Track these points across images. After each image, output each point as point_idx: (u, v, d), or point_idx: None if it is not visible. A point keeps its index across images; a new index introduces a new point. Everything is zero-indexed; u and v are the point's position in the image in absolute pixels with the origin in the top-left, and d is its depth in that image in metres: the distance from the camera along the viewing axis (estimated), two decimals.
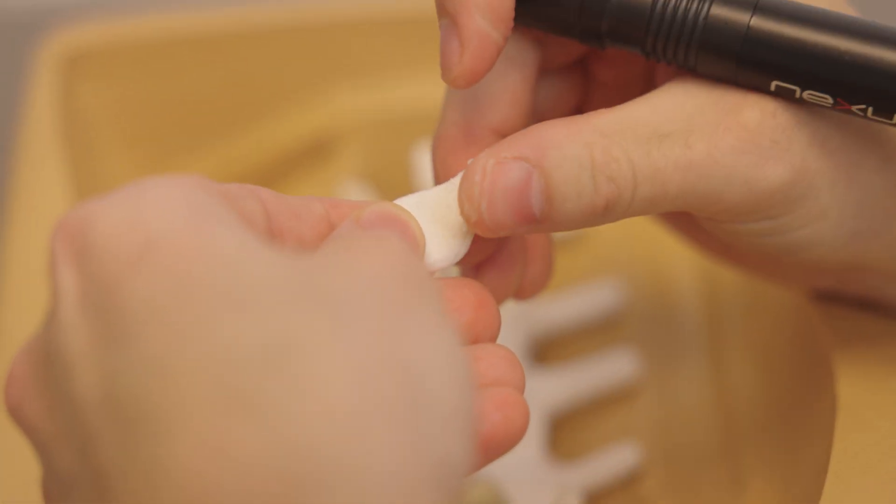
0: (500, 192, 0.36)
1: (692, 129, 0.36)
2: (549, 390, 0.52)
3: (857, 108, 0.36)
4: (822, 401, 0.45)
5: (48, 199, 0.56)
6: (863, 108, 0.36)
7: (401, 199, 0.37)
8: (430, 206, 0.37)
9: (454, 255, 0.37)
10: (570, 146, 0.36)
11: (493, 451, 0.33)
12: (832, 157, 0.37)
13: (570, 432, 0.52)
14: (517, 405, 0.34)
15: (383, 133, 0.64)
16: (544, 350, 0.55)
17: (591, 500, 0.50)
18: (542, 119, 0.39)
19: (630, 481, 0.51)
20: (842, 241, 0.39)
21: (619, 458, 0.50)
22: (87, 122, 0.63)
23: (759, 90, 0.37)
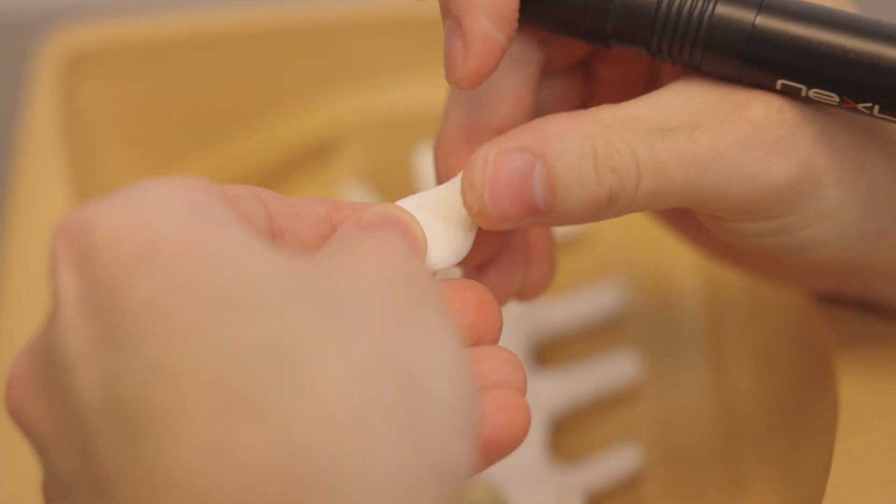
0: (502, 181, 0.35)
1: (697, 124, 0.36)
2: (551, 392, 0.52)
3: (863, 106, 0.36)
4: (823, 402, 0.45)
5: (49, 199, 0.56)
6: (869, 106, 0.36)
7: (402, 201, 0.37)
8: (431, 206, 0.37)
9: (456, 255, 0.37)
10: (572, 137, 0.36)
11: (494, 453, 0.33)
12: (838, 154, 0.37)
13: (572, 434, 0.52)
14: (519, 407, 0.33)
15: (384, 134, 0.64)
16: (545, 351, 0.55)
17: (593, 501, 0.50)
18: None
19: (631, 483, 0.51)
20: (847, 241, 0.38)
21: (621, 460, 0.50)
22: (87, 123, 0.63)
23: (765, 89, 0.37)
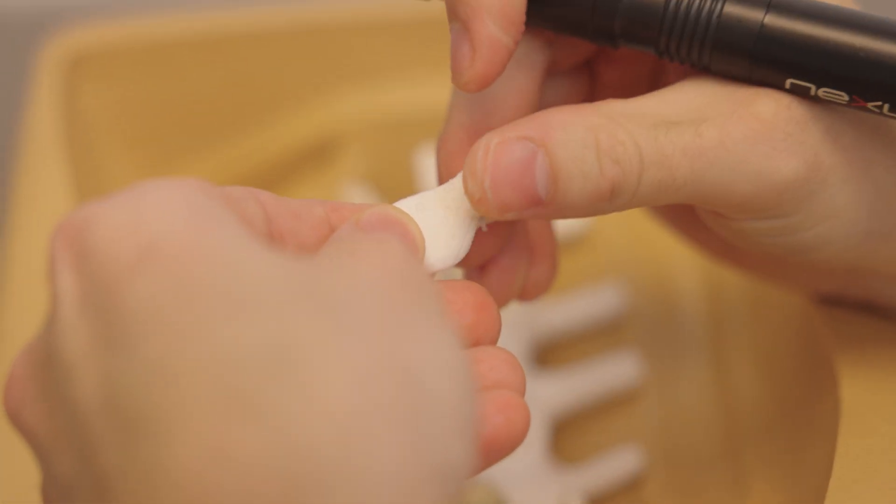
0: (503, 169, 0.35)
1: (704, 119, 0.36)
2: (552, 393, 0.52)
3: (872, 104, 0.36)
4: (824, 403, 0.45)
5: (49, 199, 0.56)
6: (878, 104, 0.36)
7: (401, 202, 0.37)
8: (430, 207, 0.37)
9: (454, 255, 0.37)
10: (575, 128, 0.36)
11: (494, 453, 0.33)
12: (845, 153, 0.37)
13: (573, 435, 0.52)
14: (518, 408, 0.33)
15: (385, 135, 0.64)
16: (547, 353, 0.55)
17: (593, 502, 0.50)
18: None
19: (632, 484, 0.51)
20: (852, 241, 0.38)
21: (622, 462, 0.50)
22: (88, 124, 0.63)
23: (774, 88, 0.37)
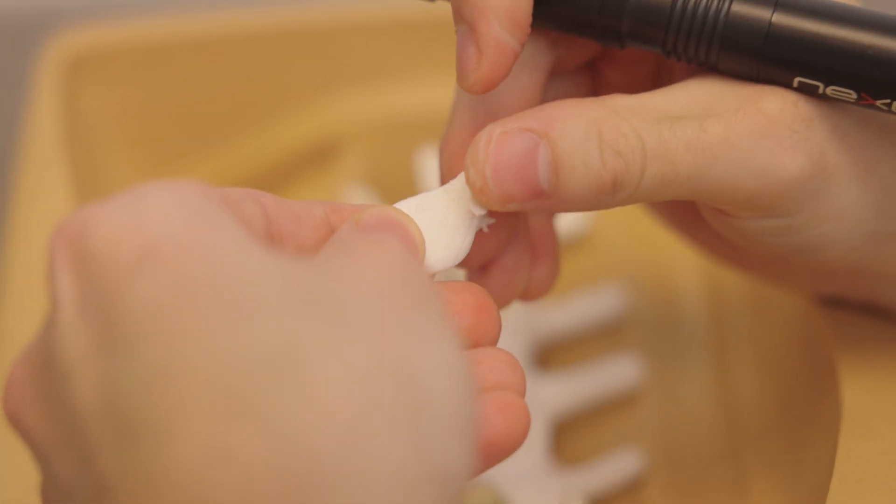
0: (504, 158, 0.36)
1: (709, 114, 0.36)
2: (553, 395, 0.52)
3: (881, 102, 0.36)
4: (825, 405, 0.45)
5: (50, 201, 0.56)
6: (887, 102, 0.36)
7: (401, 203, 0.37)
8: (430, 208, 0.37)
9: (454, 257, 0.37)
10: (578, 120, 0.36)
11: (494, 455, 0.33)
12: (851, 152, 0.37)
13: (573, 437, 0.52)
14: (518, 409, 0.33)
15: (386, 137, 0.64)
16: (547, 354, 0.55)
17: None
18: None
19: (633, 486, 0.50)
20: (857, 242, 0.38)
21: (623, 463, 0.50)
22: (89, 125, 0.63)
23: (782, 86, 0.37)
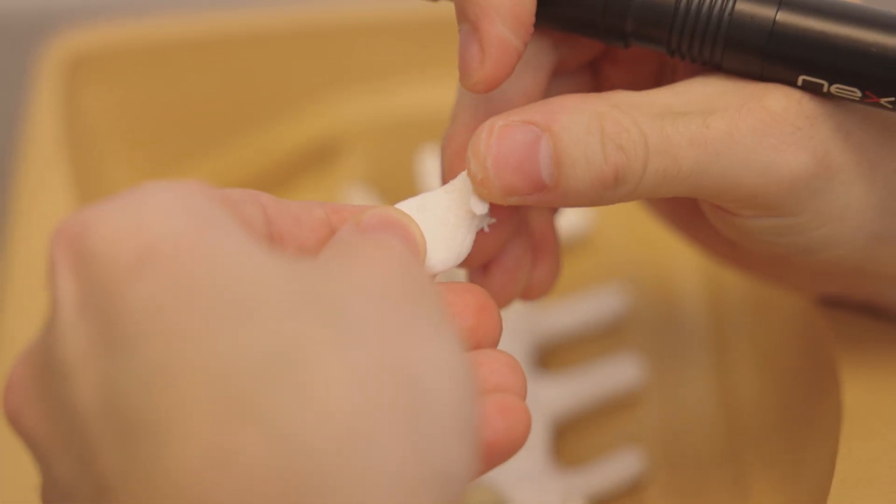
0: (506, 150, 0.36)
1: (712, 111, 0.36)
2: (553, 396, 0.52)
3: (886, 100, 0.36)
4: (825, 405, 0.45)
5: (50, 201, 0.56)
6: (892, 100, 0.36)
7: (402, 203, 0.37)
8: (431, 208, 0.37)
9: (455, 257, 0.37)
10: (580, 114, 0.36)
11: (494, 457, 0.33)
12: (855, 150, 0.37)
13: (574, 438, 0.52)
14: (519, 411, 0.33)
15: (387, 137, 0.64)
16: (548, 356, 0.55)
17: None
18: None
19: (634, 487, 0.50)
20: (860, 242, 0.38)
21: (624, 464, 0.50)
22: (89, 126, 0.63)
23: (786, 85, 0.37)
